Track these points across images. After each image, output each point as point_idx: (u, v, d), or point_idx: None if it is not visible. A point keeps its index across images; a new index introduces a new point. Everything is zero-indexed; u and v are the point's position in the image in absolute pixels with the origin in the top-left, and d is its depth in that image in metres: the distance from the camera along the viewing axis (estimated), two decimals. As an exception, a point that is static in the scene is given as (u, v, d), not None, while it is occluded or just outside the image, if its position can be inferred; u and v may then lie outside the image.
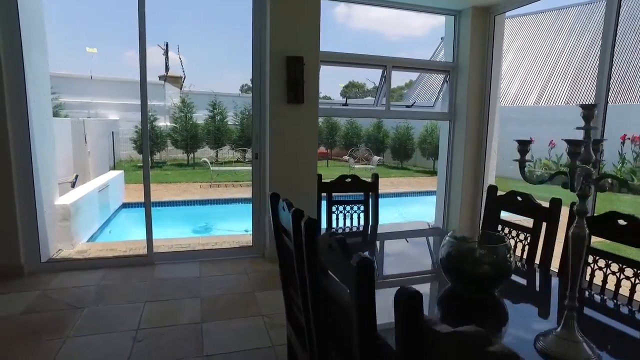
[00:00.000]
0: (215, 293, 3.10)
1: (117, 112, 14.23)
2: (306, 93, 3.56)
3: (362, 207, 2.64)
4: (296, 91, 3.53)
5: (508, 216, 2.18)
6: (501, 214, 2.17)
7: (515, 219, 2.16)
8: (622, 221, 1.58)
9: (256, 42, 3.66)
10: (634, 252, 1.57)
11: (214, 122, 14.44)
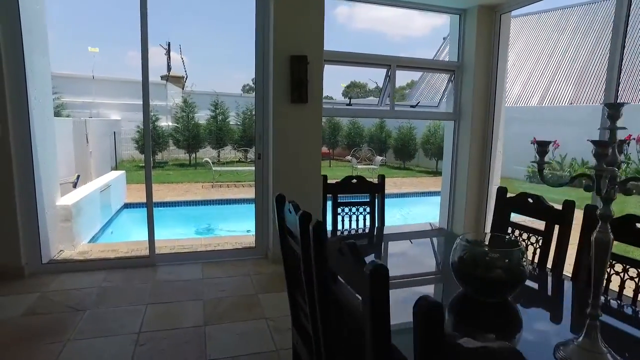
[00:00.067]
0: (218, 295, 3.06)
1: (118, 112, 14.24)
2: (310, 93, 3.52)
3: (367, 209, 2.59)
4: (300, 91, 3.48)
5: (516, 218, 2.13)
6: (511, 216, 2.12)
7: (521, 219, 2.09)
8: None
9: (259, 41, 3.62)
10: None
11: (216, 122, 14.43)
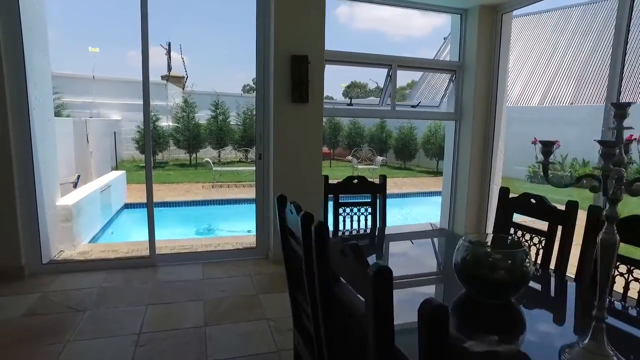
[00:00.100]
0: (218, 296, 3.04)
1: (119, 112, 14.23)
2: (311, 93, 3.51)
3: (369, 209, 2.58)
4: (301, 90, 3.47)
5: (518, 219, 2.11)
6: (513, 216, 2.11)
7: (523, 220, 2.08)
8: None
9: (260, 41, 3.61)
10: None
11: (217, 122, 14.43)
